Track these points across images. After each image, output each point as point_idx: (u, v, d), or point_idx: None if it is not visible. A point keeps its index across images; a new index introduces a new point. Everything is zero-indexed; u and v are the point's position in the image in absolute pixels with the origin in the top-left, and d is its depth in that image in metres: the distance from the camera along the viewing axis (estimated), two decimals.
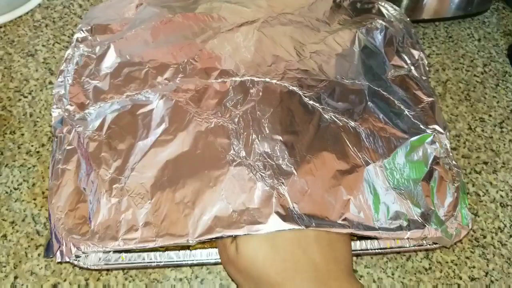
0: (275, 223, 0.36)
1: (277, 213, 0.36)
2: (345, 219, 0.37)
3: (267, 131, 0.40)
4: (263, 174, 0.38)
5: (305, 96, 0.42)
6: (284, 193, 0.37)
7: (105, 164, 0.40)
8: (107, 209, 0.38)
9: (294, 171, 0.38)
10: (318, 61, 0.45)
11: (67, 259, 0.37)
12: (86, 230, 0.38)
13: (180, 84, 0.43)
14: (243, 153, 0.39)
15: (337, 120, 0.41)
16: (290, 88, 0.42)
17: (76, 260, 0.38)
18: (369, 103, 0.43)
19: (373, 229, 0.38)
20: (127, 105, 0.42)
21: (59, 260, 0.37)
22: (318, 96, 0.42)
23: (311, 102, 0.42)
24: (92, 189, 0.39)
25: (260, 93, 0.42)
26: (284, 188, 0.38)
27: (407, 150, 0.40)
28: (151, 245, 0.36)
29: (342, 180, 0.38)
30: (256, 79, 0.43)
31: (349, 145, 0.40)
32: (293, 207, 0.37)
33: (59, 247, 0.38)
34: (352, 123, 0.41)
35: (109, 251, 0.38)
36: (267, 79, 0.43)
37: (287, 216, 0.36)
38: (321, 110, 0.41)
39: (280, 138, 0.40)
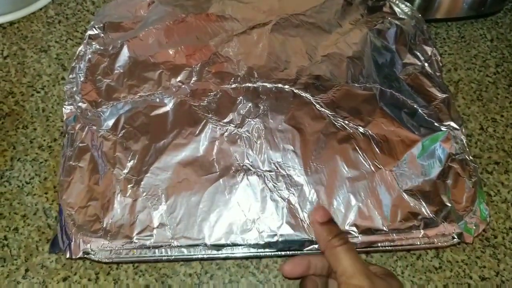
0: (286, 233, 0.38)
1: (288, 223, 0.38)
2: (353, 225, 0.38)
3: (279, 141, 0.41)
4: (275, 185, 0.39)
5: (316, 103, 0.42)
6: (295, 204, 0.39)
7: (120, 164, 0.40)
8: (121, 208, 0.39)
9: (305, 182, 0.39)
10: (329, 66, 0.45)
11: (75, 256, 0.37)
12: (98, 227, 0.38)
13: (194, 87, 0.43)
14: (256, 163, 0.40)
15: (347, 127, 0.41)
16: (301, 95, 0.43)
17: (86, 254, 0.38)
18: (380, 106, 0.43)
19: (384, 232, 0.38)
20: (140, 105, 0.43)
21: (68, 257, 0.38)
22: (329, 102, 0.42)
23: (322, 109, 0.42)
24: (106, 188, 0.39)
25: (273, 101, 0.42)
26: (295, 199, 0.39)
27: (419, 151, 0.40)
28: (166, 245, 0.38)
29: (352, 187, 0.39)
30: (268, 85, 0.43)
31: (359, 151, 0.40)
32: (303, 217, 0.38)
33: (69, 243, 0.38)
34: (362, 129, 0.41)
35: (122, 249, 0.38)
36: (280, 85, 0.43)
37: (297, 226, 0.38)
38: (331, 117, 0.42)
39: (292, 148, 0.40)
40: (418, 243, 0.39)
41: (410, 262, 0.42)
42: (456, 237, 0.39)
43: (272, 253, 0.38)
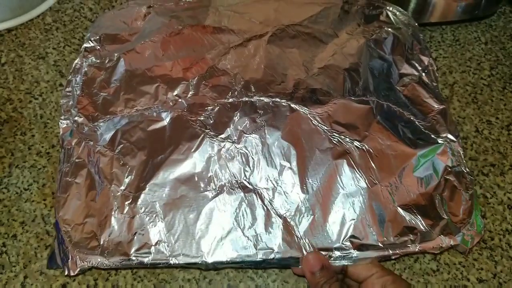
0: (282, 250, 0.38)
1: (284, 240, 0.38)
2: (348, 241, 0.38)
3: (276, 157, 0.41)
4: (272, 202, 0.40)
5: (313, 118, 0.42)
6: (290, 222, 0.39)
7: (117, 180, 0.40)
8: (118, 225, 0.39)
9: (301, 199, 0.40)
10: (326, 78, 0.45)
11: (72, 273, 0.38)
12: (95, 244, 0.38)
13: (191, 101, 0.43)
14: (254, 180, 0.40)
15: (343, 142, 0.41)
16: (298, 109, 0.43)
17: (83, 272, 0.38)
18: (376, 120, 0.43)
19: (380, 248, 0.38)
20: (137, 120, 0.43)
21: (66, 274, 0.38)
22: (325, 117, 0.42)
23: (318, 124, 0.42)
24: (103, 205, 0.39)
25: (270, 116, 0.42)
26: (291, 217, 0.39)
27: (415, 165, 0.41)
28: (163, 263, 0.38)
29: (347, 203, 0.39)
30: (266, 99, 0.43)
31: (355, 167, 0.40)
32: (299, 235, 0.39)
33: (66, 260, 0.38)
34: (358, 144, 0.41)
35: (120, 267, 0.39)
36: (277, 100, 0.43)
37: (293, 243, 0.38)
38: (328, 132, 0.42)
39: (288, 165, 0.41)
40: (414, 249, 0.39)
41: (408, 265, 0.42)
42: (455, 249, 0.39)
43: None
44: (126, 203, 0.39)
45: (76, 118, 0.43)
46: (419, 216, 0.39)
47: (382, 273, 0.37)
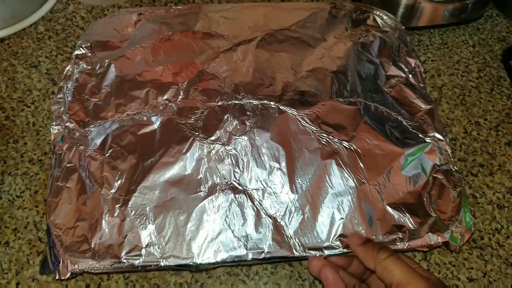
0: (273, 250, 0.38)
1: (275, 240, 0.39)
2: (338, 240, 0.39)
3: (265, 158, 0.41)
4: (262, 203, 0.40)
5: (301, 119, 0.43)
6: (280, 222, 0.39)
7: (107, 183, 0.40)
8: (109, 228, 0.39)
9: (291, 199, 0.40)
10: (314, 81, 0.46)
11: (63, 277, 0.38)
12: (86, 248, 0.38)
13: (180, 105, 0.44)
14: (243, 181, 0.41)
15: (332, 143, 0.42)
16: (287, 111, 0.43)
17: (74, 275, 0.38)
18: (364, 120, 0.43)
19: None
20: (128, 124, 0.43)
21: (57, 278, 0.38)
22: (313, 118, 0.43)
23: (307, 125, 0.43)
24: (93, 208, 0.40)
25: (259, 117, 0.43)
26: (281, 217, 0.39)
27: (403, 164, 0.41)
28: (154, 265, 0.38)
29: (337, 203, 0.40)
30: (255, 102, 0.44)
31: (343, 167, 0.41)
32: (289, 234, 0.39)
33: (57, 264, 0.38)
34: (347, 144, 0.42)
35: (110, 271, 0.39)
36: (265, 102, 0.44)
37: (283, 243, 0.38)
38: (316, 133, 0.42)
39: (277, 165, 0.41)
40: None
41: None
42: (444, 247, 0.40)
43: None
44: (117, 206, 0.39)
45: (67, 124, 0.44)
46: (407, 214, 0.39)
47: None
